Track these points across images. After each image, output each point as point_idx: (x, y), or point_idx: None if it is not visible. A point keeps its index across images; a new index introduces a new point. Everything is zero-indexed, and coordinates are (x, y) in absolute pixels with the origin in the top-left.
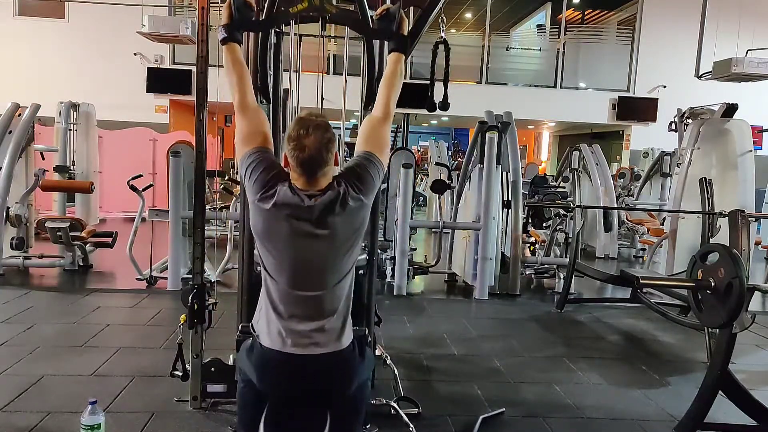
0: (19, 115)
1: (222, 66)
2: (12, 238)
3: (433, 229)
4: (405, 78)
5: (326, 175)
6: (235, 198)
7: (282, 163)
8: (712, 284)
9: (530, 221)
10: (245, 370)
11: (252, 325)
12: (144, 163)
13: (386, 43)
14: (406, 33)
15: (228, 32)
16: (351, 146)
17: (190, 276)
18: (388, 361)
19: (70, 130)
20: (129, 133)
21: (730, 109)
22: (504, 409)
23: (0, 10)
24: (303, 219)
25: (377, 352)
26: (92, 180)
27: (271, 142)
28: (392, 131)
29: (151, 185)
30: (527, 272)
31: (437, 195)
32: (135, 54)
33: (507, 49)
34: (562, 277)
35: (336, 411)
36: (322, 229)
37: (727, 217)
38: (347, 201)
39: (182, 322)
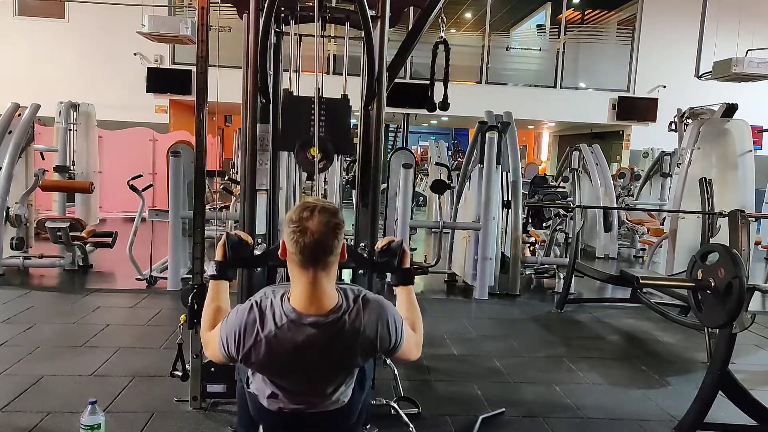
0: (19, 115)
1: (222, 66)
2: (12, 238)
3: (433, 229)
4: (405, 78)
5: (329, 276)
6: (235, 198)
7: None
8: (712, 284)
9: (530, 221)
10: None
11: (246, 380)
12: (144, 163)
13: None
14: (408, 266)
15: (219, 271)
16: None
17: (190, 276)
18: (388, 361)
19: (70, 130)
20: (129, 133)
21: (730, 109)
22: (504, 409)
23: (0, 10)
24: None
25: None
26: (92, 180)
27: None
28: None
29: (151, 185)
30: (527, 272)
31: (437, 195)
32: (135, 54)
33: (507, 49)
34: (562, 277)
35: None
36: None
37: (727, 217)
38: (356, 340)
39: (182, 322)
